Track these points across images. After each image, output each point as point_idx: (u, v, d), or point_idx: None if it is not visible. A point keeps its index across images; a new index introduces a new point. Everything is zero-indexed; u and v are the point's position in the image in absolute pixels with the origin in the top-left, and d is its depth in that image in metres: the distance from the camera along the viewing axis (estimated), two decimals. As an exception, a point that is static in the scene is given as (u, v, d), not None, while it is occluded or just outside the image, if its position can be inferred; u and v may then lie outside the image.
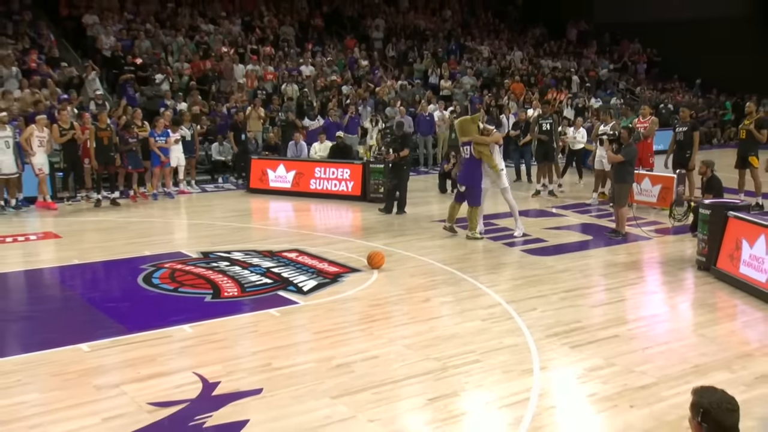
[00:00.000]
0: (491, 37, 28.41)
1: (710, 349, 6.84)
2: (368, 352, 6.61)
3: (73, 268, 9.64)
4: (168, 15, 22.41)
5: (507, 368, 6.29)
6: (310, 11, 26.01)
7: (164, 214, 13.25)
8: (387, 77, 23.03)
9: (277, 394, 5.78)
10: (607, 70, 28.24)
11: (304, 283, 8.68)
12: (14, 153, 13.02)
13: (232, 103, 18.37)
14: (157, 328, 7.21)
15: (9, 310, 7.91)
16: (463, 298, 8.33)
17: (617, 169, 11.15)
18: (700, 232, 9.51)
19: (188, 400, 5.66)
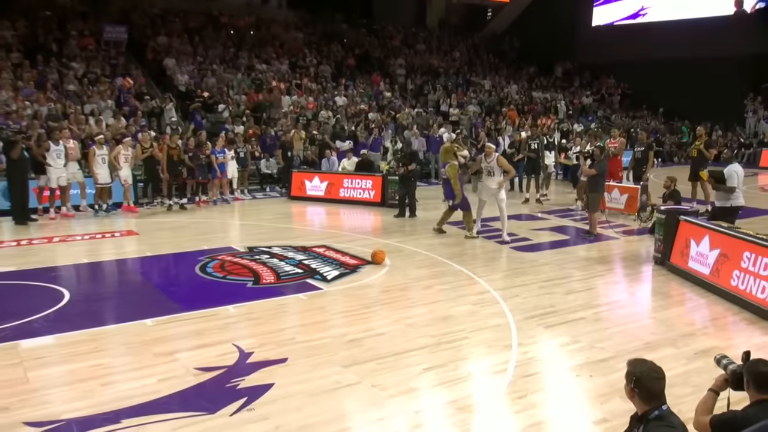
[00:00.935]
0: (492, 74, 28.28)
1: (660, 329, 6.84)
2: (376, 330, 6.67)
3: (146, 259, 9.78)
4: (230, 57, 22.59)
5: (490, 344, 6.33)
6: (344, 54, 26.04)
7: (221, 217, 13.40)
8: (405, 106, 23.03)
9: (299, 362, 5.82)
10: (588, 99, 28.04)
11: (328, 273, 8.69)
12: (109, 167, 13.22)
13: (279, 127, 18.47)
14: (207, 308, 7.31)
15: (95, 291, 8.15)
16: (459, 285, 8.33)
17: (591, 181, 11.08)
18: (657, 233, 9.42)
19: (227, 367, 5.72)
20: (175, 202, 14.01)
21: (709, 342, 6.45)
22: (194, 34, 23.05)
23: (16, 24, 20.08)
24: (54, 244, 10.58)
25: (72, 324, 6.76)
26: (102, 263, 9.56)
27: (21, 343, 6.25)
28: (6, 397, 5.15)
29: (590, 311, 7.30)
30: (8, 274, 8.62)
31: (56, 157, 12.65)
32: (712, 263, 8.08)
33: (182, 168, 13.89)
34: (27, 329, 6.62)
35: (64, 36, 20.45)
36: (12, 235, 11.18)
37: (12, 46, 19.00)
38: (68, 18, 21.59)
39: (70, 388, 5.31)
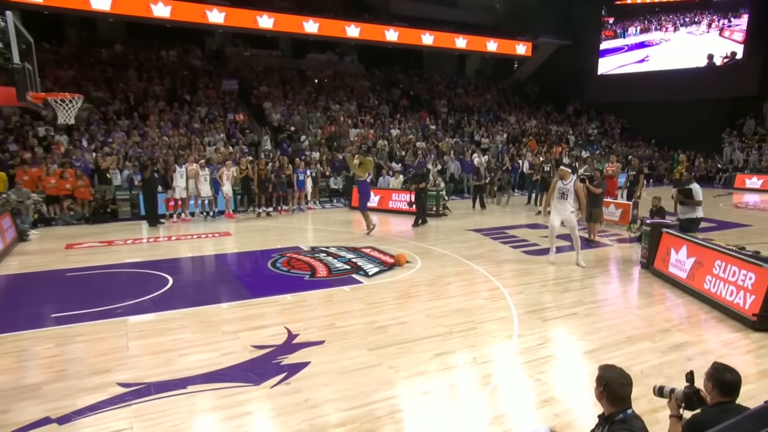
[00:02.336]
0: (516, 111, 27.32)
1: (641, 325, 6.23)
2: (400, 318, 6.30)
3: (233, 254, 9.72)
4: (312, 100, 22.67)
5: (494, 334, 5.90)
6: (400, 96, 25.74)
7: (296, 222, 13.22)
8: (446, 136, 22.47)
9: (333, 345, 5.54)
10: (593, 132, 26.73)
11: (370, 269, 8.32)
12: (210, 184, 13.34)
13: (346, 153, 18.28)
14: (270, 296, 7.11)
15: (191, 279, 8.05)
16: (474, 282, 7.82)
17: (592, 198, 10.35)
18: (643, 242, 8.64)
19: (275, 346, 5.51)
20: (263, 210, 13.99)
21: (683, 337, 5.78)
22: (286, 84, 23.26)
23: (164, 81, 20.79)
24: (171, 242, 10.71)
25: (170, 304, 6.73)
26: (201, 257, 9.54)
27: (130, 319, 6.24)
28: (110, 362, 5.12)
29: (582, 307, 6.71)
30: (135, 264, 8.76)
31: (179, 177, 12.89)
32: (688, 269, 7.33)
33: (268, 184, 13.86)
34: (137, 307, 6.62)
35: (194, 88, 21.00)
36: (144, 234, 11.45)
37: (159, 97, 19.65)
38: (198, 75, 22.18)
39: (156, 356, 5.21)
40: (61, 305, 6.68)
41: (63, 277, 8.02)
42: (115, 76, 20.11)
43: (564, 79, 28.71)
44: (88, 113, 16.88)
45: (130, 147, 15.70)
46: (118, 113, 17.90)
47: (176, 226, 12.46)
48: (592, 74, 28.57)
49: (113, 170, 14.09)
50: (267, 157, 16.28)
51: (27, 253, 9.78)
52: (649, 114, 25.60)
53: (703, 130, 23.63)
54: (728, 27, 24.03)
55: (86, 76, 19.61)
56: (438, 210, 13.78)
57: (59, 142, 15.39)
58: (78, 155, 14.62)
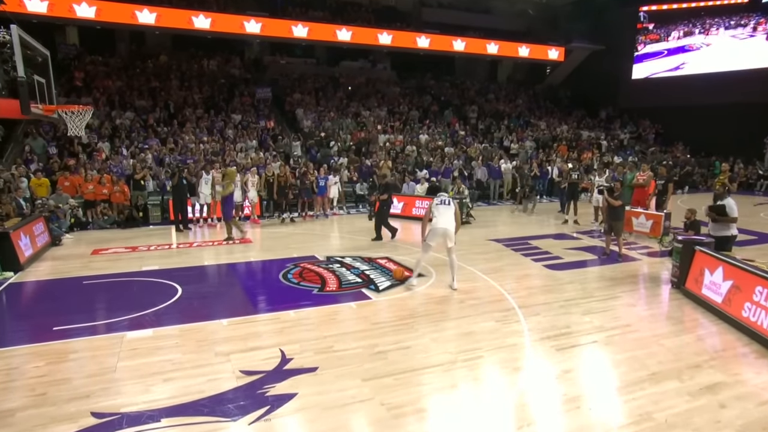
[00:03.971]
0: (547, 116, 26.02)
1: (667, 358, 5.30)
2: (404, 342, 5.62)
3: (247, 264, 9.19)
4: (343, 106, 22.18)
5: (503, 365, 5.14)
6: (431, 101, 24.93)
7: (318, 229, 12.61)
8: (475, 141, 21.54)
9: (326, 372, 4.95)
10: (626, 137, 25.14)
11: (382, 283, 7.67)
12: (241, 190, 13.01)
13: (373, 158, 17.71)
14: (274, 312, 6.56)
15: (199, 291, 7.47)
16: (488, 301, 6.99)
17: (613, 210, 9.33)
18: (674, 260, 7.63)
19: (265, 372, 4.96)
20: (288, 216, 13.56)
21: (716, 376, 4.88)
22: (319, 91, 22.89)
23: (202, 89, 20.79)
24: (191, 248, 10.35)
25: (171, 319, 6.31)
26: (215, 266, 9.04)
27: (127, 335, 5.83)
28: (94, 385, 4.71)
29: (603, 334, 5.86)
30: (151, 273, 8.42)
31: (204, 184, 12.62)
32: (724, 293, 6.36)
33: (288, 191, 13.39)
34: (138, 322, 6.21)
35: (230, 96, 20.90)
36: (168, 240, 11.14)
37: (198, 105, 19.63)
38: (236, 83, 22.09)
39: (140, 381, 4.75)
40: (67, 317, 6.36)
41: (79, 286, 7.76)
42: (158, 86, 20.24)
43: (597, 84, 27.21)
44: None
45: (164, 154, 15.62)
46: (158, 121, 17.92)
47: (200, 232, 12.18)
48: (626, 79, 26.92)
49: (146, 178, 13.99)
50: (296, 163, 15.90)
51: (55, 258, 9.65)
52: (686, 119, 23.76)
53: (743, 135, 21.74)
54: None
55: (132, 86, 19.82)
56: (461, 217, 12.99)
57: (101, 149, 15.47)
58: (117, 161, 14.62)
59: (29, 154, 14.79)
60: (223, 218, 11.13)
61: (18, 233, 9.05)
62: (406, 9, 26.53)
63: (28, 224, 9.73)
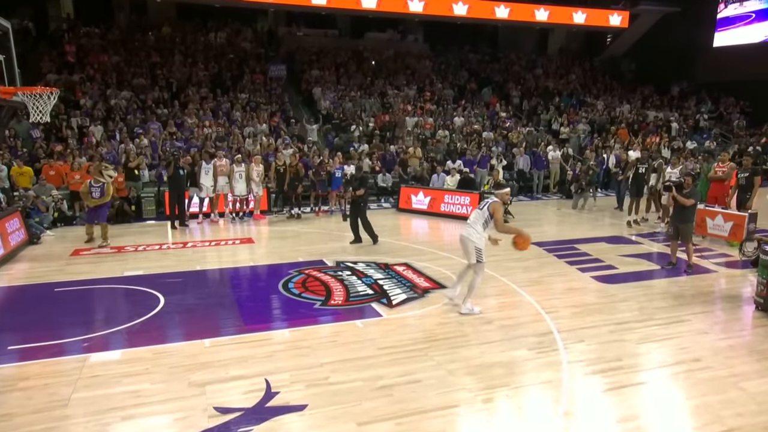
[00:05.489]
0: (606, 94, 24.86)
1: (748, 409, 4.60)
2: (414, 374, 5.10)
3: (244, 269, 8.87)
4: (367, 85, 21.69)
5: (531, 410, 4.58)
6: (468, 78, 24.14)
7: (335, 227, 12.00)
8: (518, 125, 20.69)
9: (316, 413, 4.51)
10: (704, 117, 23.67)
11: (396, 296, 7.18)
12: (246, 181, 12.73)
13: (399, 145, 17.18)
14: (266, 330, 6.21)
15: (184, 302, 7.12)
16: (522, 323, 6.40)
17: (681, 211, 8.53)
18: (760, 275, 6.81)
19: (244, 409, 4.56)
20: (295, 212, 13.16)
21: (816, 436, 4.19)
22: (340, 67, 22.45)
23: (208, 66, 20.67)
24: (184, 249, 10.08)
25: (146, 338, 6.00)
26: (207, 271, 8.69)
27: (91, 357, 5.54)
28: (38, 423, 4.39)
29: (664, 371, 5.20)
30: (133, 279, 8.16)
31: (204, 174, 12.39)
32: (829, 321, 5.57)
33: (297, 184, 12.98)
34: (107, 341, 5.93)
35: (240, 73, 20.69)
36: (159, 240, 10.90)
37: (202, 83, 19.50)
38: (247, 59, 21.88)
39: (93, 419, 4.41)
40: (27, 333, 6.12)
41: (49, 294, 7.57)
42: (159, 61, 20.21)
43: (669, 54, 25.68)
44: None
45: (164, 139, 15.47)
46: (158, 101, 17.84)
47: (198, 229, 11.95)
48: (705, 48, 25.24)
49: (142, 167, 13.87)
50: (309, 149, 15.53)
51: (30, 259, 9.56)
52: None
53: None
54: None
55: (130, 62, 19.84)
56: (501, 217, 12.36)
57: (92, 132, 15.46)
58: (108, 147, 14.55)
59: (12, 139, 14.83)
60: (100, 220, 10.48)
61: (-13, 231, 8.97)
62: (440, -30, 25.74)
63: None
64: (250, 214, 13.09)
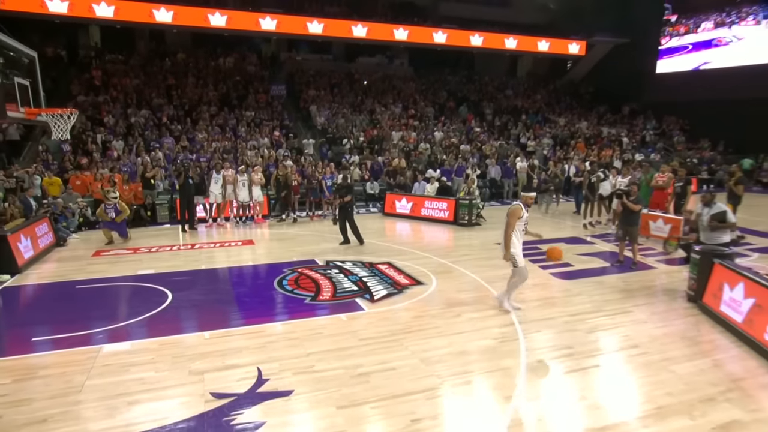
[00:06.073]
0: (567, 112, 25.01)
1: (678, 389, 4.63)
2: (390, 363, 5.08)
3: (245, 267, 8.78)
4: (358, 103, 21.66)
5: (492, 392, 4.55)
6: (447, 97, 24.20)
7: (324, 230, 11.88)
8: (490, 139, 20.75)
9: (300, 398, 4.48)
10: (650, 134, 23.87)
11: (378, 292, 7.14)
12: (249, 189, 12.67)
13: (386, 156, 17.17)
14: (261, 323, 6.12)
15: (189, 298, 7.06)
16: (488, 315, 6.38)
17: (629, 215, 8.59)
18: (691, 271, 6.90)
19: (236, 395, 4.52)
20: (291, 217, 13.08)
21: (732, 412, 4.22)
22: (334, 87, 22.41)
23: (217, 87, 20.57)
24: (193, 251, 10.01)
25: (153, 330, 5.95)
26: (212, 270, 8.62)
27: (104, 348, 5.48)
28: (54, 407, 4.33)
29: (607, 357, 5.24)
30: (146, 277, 8.10)
31: (214, 183, 12.34)
32: (745, 312, 5.63)
33: (284, 192, 12.91)
34: (119, 333, 5.87)
35: (246, 93, 20.61)
36: (171, 242, 10.83)
37: (212, 102, 19.41)
38: (252, 81, 21.80)
39: (103, 403, 4.37)
40: (48, 326, 6.08)
41: (70, 291, 7.50)
42: (174, 83, 20.09)
43: (620, 78, 25.89)
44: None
45: (177, 152, 15.39)
46: (172, 118, 17.73)
47: (206, 232, 11.86)
48: (650, 73, 25.60)
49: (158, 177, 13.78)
50: (305, 160, 15.49)
51: (56, 259, 9.46)
52: (714, 114, 22.28)
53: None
54: None
55: (149, 84, 19.72)
56: (470, 219, 12.38)
57: (114, 147, 15.34)
58: (126, 160, 14.45)
59: (45, 153, 14.75)
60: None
61: (17, 235, 8.86)
62: (423, 3, 25.78)
63: (29, 226, 9.56)
64: (252, 219, 13.03)
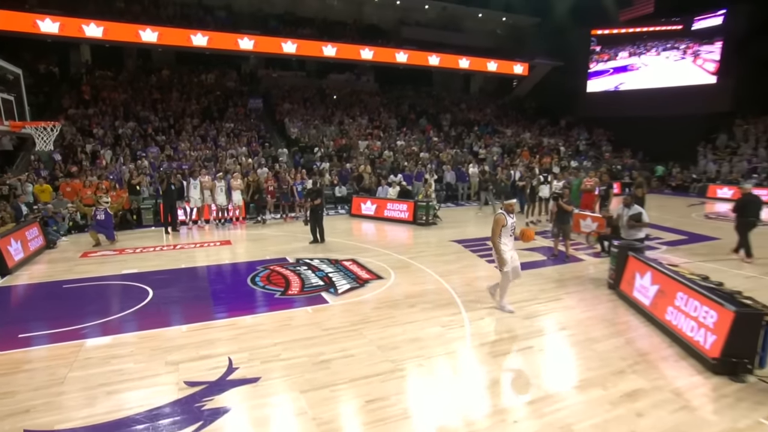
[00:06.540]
0: (513, 124, 25.60)
1: (596, 364, 4.91)
2: (349, 350, 5.15)
3: (222, 266, 8.64)
4: (328, 115, 21.59)
5: (438, 374, 4.68)
6: (408, 110, 24.39)
7: (300, 231, 11.85)
8: (447, 147, 21.07)
9: (267, 383, 4.52)
10: (582, 144, 24.73)
11: (342, 286, 7.19)
12: (226, 194, 12.51)
13: (354, 163, 17.21)
14: (233, 317, 6.09)
15: (169, 295, 6.96)
16: (439, 305, 6.49)
17: (563, 215, 8.96)
18: (611, 263, 7.27)
19: (208, 382, 4.50)
20: (261, 218, 12.94)
21: (637, 382, 4.52)
22: (306, 101, 22.29)
23: (199, 101, 20.14)
24: (174, 251, 9.81)
25: (133, 325, 5.85)
26: (191, 269, 8.41)
27: (87, 342, 5.37)
28: (37, 398, 4.24)
29: (540, 339, 5.45)
30: (129, 276, 7.91)
31: (193, 188, 12.10)
32: (652, 296, 6.00)
33: (257, 196, 12.88)
34: (101, 328, 5.76)
35: (226, 107, 20.27)
36: (154, 242, 10.60)
37: (194, 115, 19.01)
38: (231, 95, 21.44)
39: (84, 393, 4.31)
40: (35, 323, 5.90)
41: (57, 290, 7.27)
42: (160, 97, 19.57)
43: (557, 96, 26.73)
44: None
45: (161, 160, 15.03)
46: (157, 130, 17.29)
47: (188, 234, 11.62)
48: (581, 92, 26.59)
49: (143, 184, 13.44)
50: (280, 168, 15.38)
51: (46, 261, 9.14)
52: (633, 128, 23.58)
53: (681, 143, 21.57)
54: (700, 55, 22.79)
55: (136, 98, 19.14)
56: (428, 219, 12.58)
57: (102, 156, 14.86)
58: (112, 168, 14.03)
59: (36, 162, 14.17)
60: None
61: (7, 239, 8.52)
62: (387, 27, 25.87)
63: (20, 230, 9.20)
64: (230, 221, 12.86)
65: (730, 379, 4.55)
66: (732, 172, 19.68)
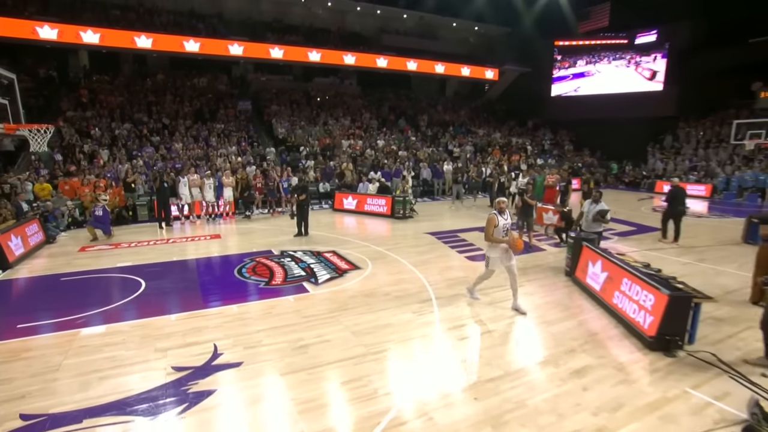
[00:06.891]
0: (485, 125, 25.78)
1: (550, 344, 5.05)
2: (326, 336, 5.18)
3: (211, 258, 8.54)
4: (313, 116, 21.41)
5: (406, 357, 4.73)
6: (388, 111, 24.35)
7: (283, 225, 11.78)
8: (423, 146, 21.14)
9: (248, 368, 4.54)
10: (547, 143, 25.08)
11: (322, 276, 7.19)
12: (214, 191, 12.34)
13: (337, 161, 17.15)
14: (219, 307, 6.05)
15: (160, 286, 6.89)
16: (411, 293, 6.52)
17: (527, 208, 9.15)
18: (567, 252, 7.45)
19: (194, 367, 4.51)
20: (249, 213, 12.78)
21: (585, 360, 4.69)
22: (293, 103, 22.06)
23: (192, 102, 19.75)
24: (167, 245, 9.68)
25: (127, 314, 5.80)
26: (182, 261, 8.28)
27: (82, 331, 5.32)
28: (33, 385, 4.21)
29: (501, 323, 5.52)
30: (123, 269, 7.80)
31: (183, 186, 11.93)
32: (602, 282, 6.20)
33: (248, 192, 12.74)
34: (96, 318, 5.70)
35: (217, 108, 19.93)
36: (148, 237, 10.42)
37: (187, 116, 18.64)
38: (222, 98, 21.07)
39: (77, 379, 4.29)
40: (34, 314, 5.81)
41: (56, 283, 7.15)
42: (154, 100, 19.13)
43: (525, 99, 27.02)
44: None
45: (156, 159, 14.74)
46: (152, 131, 16.93)
47: (180, 229, 11.45)
48: (546, 96, 26.89)
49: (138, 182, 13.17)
50: (268, 166, 15.24)
51: (45, 255, 8.94)
52: (591, 129, 24.11)
53: (633, 144, 22.19)
54: (640, 65, 23.71)
55: (132, 101, 18.67)
56: (404, 213, 12.67)
57: (100, 156, 14.51)
58: (109, 167, 13.72)
59: (37, 161, 13.75)
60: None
61: (8, 235, 8.32)
62: (369, 34, 25.69)
63: (20, 226, 8.97)
64: (221, 216, 12.73)
65: (664, 354, 4.76)
66: (676, 169, 20.25)
